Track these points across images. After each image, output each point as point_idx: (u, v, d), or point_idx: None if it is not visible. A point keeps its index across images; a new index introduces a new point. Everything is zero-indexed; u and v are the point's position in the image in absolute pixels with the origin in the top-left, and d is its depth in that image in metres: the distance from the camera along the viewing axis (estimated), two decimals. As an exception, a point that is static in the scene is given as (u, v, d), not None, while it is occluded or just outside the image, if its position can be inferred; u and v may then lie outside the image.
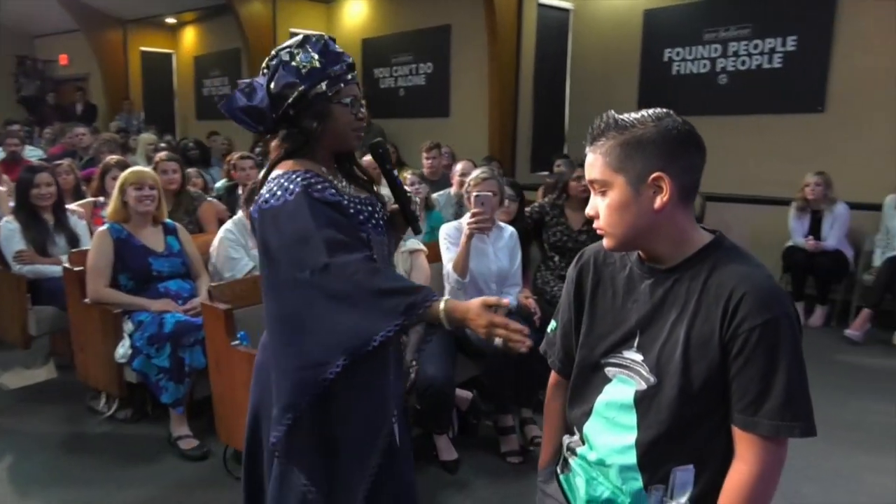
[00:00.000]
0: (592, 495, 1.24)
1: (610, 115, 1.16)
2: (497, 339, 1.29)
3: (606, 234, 1.18)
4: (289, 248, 1.39)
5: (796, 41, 5.73)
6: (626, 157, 1.11)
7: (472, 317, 1.32)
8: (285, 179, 1.45)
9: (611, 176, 1.13)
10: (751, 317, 1.05)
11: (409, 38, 8.30)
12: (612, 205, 1.14)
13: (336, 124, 1.53)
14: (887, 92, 5.24)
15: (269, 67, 1.51)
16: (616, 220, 1.14)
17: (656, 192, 1.11)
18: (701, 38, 6.25)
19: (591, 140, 1.17)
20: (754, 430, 1.08)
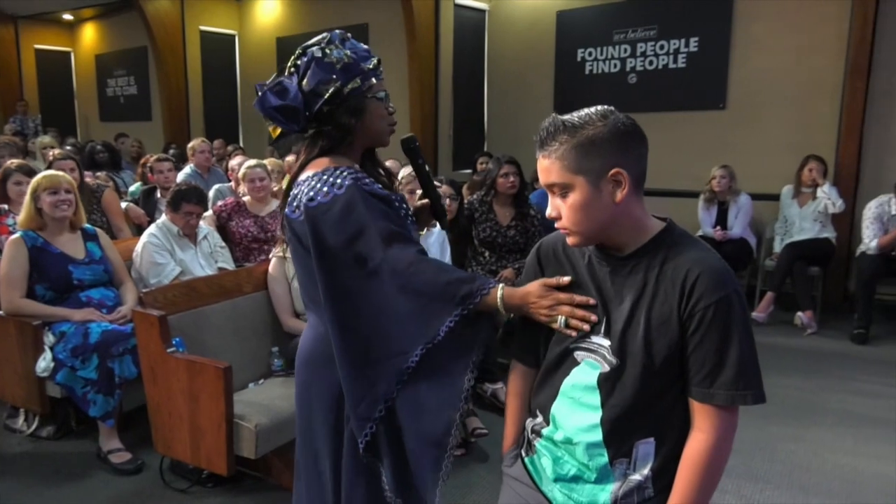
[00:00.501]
0: (559, 473, 1.30)
1: (556, 119, 1.21)
2: (560, 319, 1.27)
3: (571, 233, 1.23)
4: (346, 244, 1.38)
5: (698, 42, 6.08)
6: (583, 158, 1.17)
7: (533, 299, 1.30)
8: (329, 175, 1.43)
9: (570, 178, 1.18)
10: (706, 295, 1.14)
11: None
12: (576, 205, 1.19)
13: (372, 119, 1.53)
14: (781, 90, 5.65)
15: (297, 65, 1.48)
16: (581, 219, 1.20)
17: (615, 186, 1.18)
18: (611, 38, 6.52)
19: (542, 145, 1.21)
20: (711, 401, 1.17)
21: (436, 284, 1.32)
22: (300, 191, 1.46)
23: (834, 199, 4.94)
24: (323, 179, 1.43)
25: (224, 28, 9.22)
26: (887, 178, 5.10)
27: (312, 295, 1.50)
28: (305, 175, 1.49)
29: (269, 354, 2.95)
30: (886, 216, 4.62)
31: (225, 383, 2.36)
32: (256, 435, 2.39)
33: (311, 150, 1.52)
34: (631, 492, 1.24)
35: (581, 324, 1.24)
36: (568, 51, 6.78)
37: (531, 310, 1.31)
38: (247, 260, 3.99)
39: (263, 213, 4.11)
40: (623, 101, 6.47)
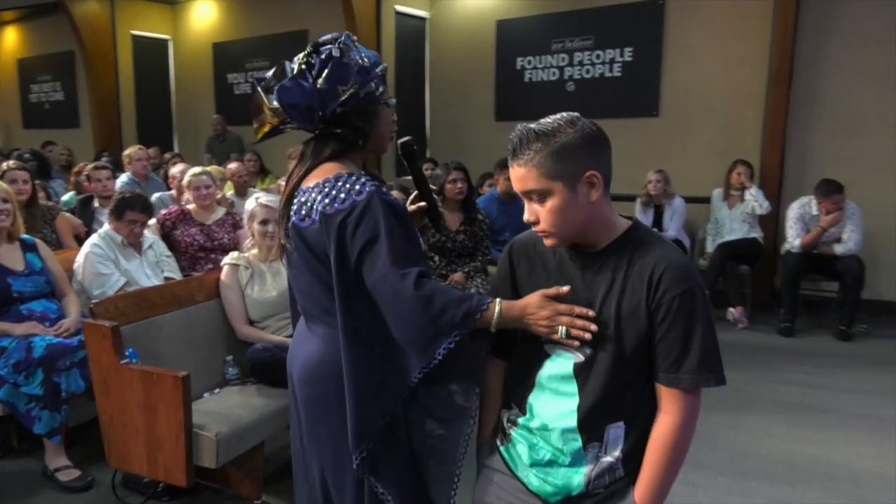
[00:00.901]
0: (535, 458, 1.37)
1: (527, 128, 1.27)
2: (560, 331, 1.28)
3: (549, 235, 1.30)
4: (360, 254, 1.34)
5: (632, 52, 6.33)
6: (559, 164, 1.23)
7: (532, 310, 1.30)
8: (344, 182, 1.39)
9: (548, 184, 1.24)
10: (671, 288, 1.23)
11: (264, 42, 8.13)
12: (555, 209, 1.26)
13: (381, 125, 1.52)
14: (710, 99, 5.94)
15: (310, 64, 1.42)
16: (560, 221, 1.27)
17: (590, 188, 1.25)
18: (549, 47, 6.71)
19: (515, 154, 1.27)
20: (677, 385, 1.26)
21: (434, 307, 1.30)
22: (310, 198, 1.41)
23: (760, 201, 5.23)
24: (338, 186, 1.39)
25: (157, 33, 8.99)
26: (808, 180, 5.42)
27: (324, 304, 1.45)
28: (315, 182, 1.43)
29: (224, 363, 2.92)
30: (808, 216, 4.92)
31: (183, 393, 2.33)
32: (217, 444, 2.37)
33: (320, 153, 1.47)
34: (603, 473, 1.32)
35: (583, 333, 1.26)
36: (508, 59, 6.93)
37: (530, 321, 1.31)
38: (193, 269, 3.93)
39: (209, 221, 4.06)
40: (562, 109, 6.42)
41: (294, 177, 1.49)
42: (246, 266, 3.03)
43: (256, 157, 6.77)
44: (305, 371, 1.50)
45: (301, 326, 1.60)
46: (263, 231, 3.00)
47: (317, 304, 1.48)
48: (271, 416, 2.62)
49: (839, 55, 5.48)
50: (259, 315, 2.99)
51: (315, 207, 1.39)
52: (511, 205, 4.75)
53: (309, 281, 1.47)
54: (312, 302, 1.50)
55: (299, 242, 1.44)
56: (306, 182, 1.45)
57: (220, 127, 7.99)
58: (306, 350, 1.52)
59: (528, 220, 1.31)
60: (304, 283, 1.49)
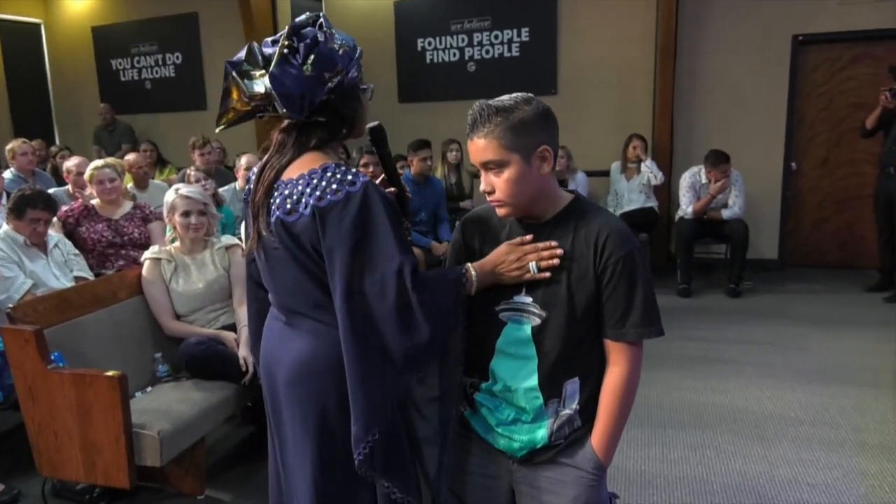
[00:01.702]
0: (500, 419, 1.47)
1: (486, 103, 1.35)
2: (531, 267, 1.36)
3: (505, 205, 1.39)
4: (356, 246, 1.30)
5: (529, 32, 6.52)
6: (517, 137, 1.33)
7: (502, 259, 1.37)
8: (334, 172, 1.33)
9: (506, 155, 1.34)
10: (615, 251, 1.36)
11: (150, 26, 7.72)
12: (511, 179, 1.35)
13: (363, 111, 1.48)
14: (604, 76, 6.24)
15: (293, 49, 1.34)
16: (516, 191, 1.36)
17: (542, 162, 1.36)
18: (449, 28, 6.79)
19: (475, 127, 1.35)
20: (623, 339, 1.39)
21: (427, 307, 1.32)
22: (296, 191, 1.35)
23: (655, 172, 5.59)
24: (328, 177, 1.33)
25: (27, 16, 8.32)
26: (695, 151, 5.85)
27: (314, 300, 1.40)
28: (299, 173, 1.37)
29: (153, 361, 2.85)
30: (698, 185, 5.31)
31: (121, 393, 2.27)
32: (161, 442, 2.33)
33: (304, 143, 1.40)
34: (563, 425, 1.44)
35: (552, 261, 1.36)
36: (408, 40, 6.96)
37: (502, 270, 1.38)
38: (103, 267, 3.76)
39: (116, 216, 3.88)
40: (464, 89, 6.79)
41: (272, 167, 1.41)
42: (168, 259, 2.95)
43: (153, 146, 6.48)
44: (295, 370, 1.43)
45: (275, 326, 1.52)
46: (186, 223, 2.92)
47: (306, 300, 1.41)
48: (211, 409, 2.60)
49: (718, 32, 5.91)
50: (186, 309, 2.93)
51: (304, 200, 1.33)
52: (425, 185, 4.83)
53: (296, 277, 1.39)
54: (299, 298, 1.43)
55: (286, 237, 1.36)
56: (288, 173, 1.39)
57: (109, 116, 7.56)
58: (292, 349, 1.44)
59: (483, 191, 1.39)
60: (290, 279, 1.41)
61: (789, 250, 6.12)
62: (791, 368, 3.75)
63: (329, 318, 1.38)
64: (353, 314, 1.31)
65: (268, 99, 1.38)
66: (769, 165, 5.93)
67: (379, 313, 1.30)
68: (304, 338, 1.43)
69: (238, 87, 1.39)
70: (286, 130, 1.44)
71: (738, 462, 2.82)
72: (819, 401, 3.35)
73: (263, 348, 1.56)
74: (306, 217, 1.33)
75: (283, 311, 1.49)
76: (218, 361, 2.71)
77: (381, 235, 1.30)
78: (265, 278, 1.52)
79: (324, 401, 1.41)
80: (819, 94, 5.87)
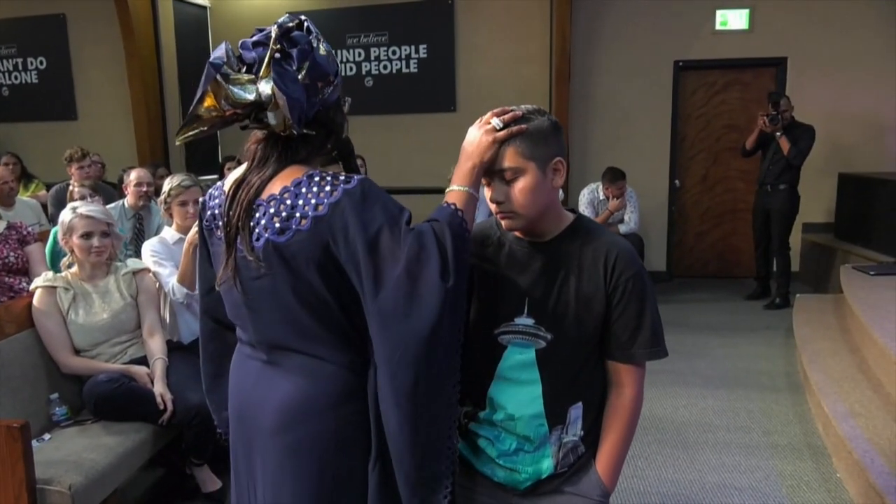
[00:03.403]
0: (501, 450, 1.39)
1: (501, 110, 1.29)
2: (494, 123, 1.24)
3: (516, 216, 1.30)
4: (372, 240, 1.14)
5: (427, 49, 6.54)
6: (535, 146, 1.26)
7: (472, 142, 1.25)
8: (322, 178, 1.19)
9: (523, 163, 1.26)
10: (626, 271, 1.32)
11: (11, 26, 6.97)
12: (527, 188, 1.27)
13: (345, 124, 1.35)
14: (502, 95, 6.32)
15: (285, 53, 1.21)
16: (530, 202, 1.28)
17: (555, 174, 1.31)
18: (345, 42, 6.67)
19: None
20: (632, 360, 1.35)
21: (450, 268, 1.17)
22: (283, 206, 1.19)
23: (554, 188, 5.74)
24: (317, 182, 1.19)
25: None
26: (590, 168, 6.09)
27: (309, 330, 1.23)
28: (280, 187, 1.21)
29: (48, 403, 2.50)
30: (596, 201, 5.51)
31: (23, 444, 1.96)
32: (72, 498, 2.03)
33: (290, 157, 1.25)
34: (567, 453, 1.38)
35: (514, 113, 1.26)
36: (302, 53, 6.75)
37: (478, 151, 1.24)
38: (-28, 297, 3.29)
39: (-13, 238, 3.41)
40: (361, 104, 6.66)
41: (251, 184, 1.24)
42: (66, 287, 2.62)
43: (16, 159, 5.82)
44: (285, 415, 1.26)
45: (251, 366, 1.34)
46: (87, 246, 2.60)
47: (298, 333, 1.24)
48: (127, 455, 2.32)
49: (608, 56, 6.22)
50: (88, 343, 2.61)
51: (297, 214, 1.17)
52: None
53: (288, 307, 1.22)
54: (288, 331, 1.25)
55: (277, 262, 1.19)
56: (268, 190, 1.23)
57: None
58: (278, 391, 1.27)
59: (493, 200, 1.31)
60: (277, 310, 1.23)
61: (675, 262, 6.50)
62: (698, 375, 3.94)
63: (325, 352, 1.24)
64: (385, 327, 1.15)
65: (253, 108, 1.21)
66: (657, 182, 6.29)
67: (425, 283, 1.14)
68: (292, 378, 1.27)
69: (220, 93, 1.21)
70: (267, 143, 1.27)
71: (669, 471, 2.90)
72: (729, 406, 3.54)
73: (237, 391, 1.37)
74: (304, 232, 1.17)
75: (263, 348, 1.31)
76: (132, 400, 2.43)
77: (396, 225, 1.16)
78: (237, 313, 1.32)
79: (322, 445, 1.25)
80: (698, 116, 6.32)
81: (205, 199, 1.38)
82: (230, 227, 1.25)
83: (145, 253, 2.95)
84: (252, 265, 1.21)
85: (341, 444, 1.25)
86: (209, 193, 1.38)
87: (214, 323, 1.48)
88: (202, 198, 1.40)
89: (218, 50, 1.24)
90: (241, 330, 1.36)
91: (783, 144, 5.16)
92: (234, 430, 1.38)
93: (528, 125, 1.27)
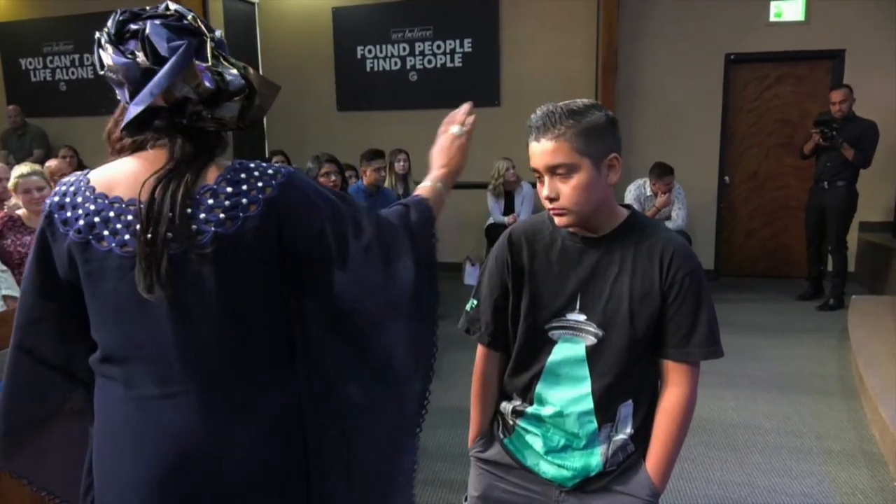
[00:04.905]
0: (549, 446, 1.38)
1: (557, 106, 1.28)
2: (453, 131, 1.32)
3: (568, 213, 1.29)
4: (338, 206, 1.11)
5: (471, 43, 6.51)
6: (590, 142, 1.25)
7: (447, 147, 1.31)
8: (254, 166, 1.09)
9: (577, 159, 1.25)
10: (682, 268, 1.30)
11: (66, 24, 7.21)
12: (581, 185, 1.26)
13: None
14: (546, 89, 6.27)
15: (214, 44, 1.08)
16: (584, 199, 1.27)
17: (610, 171, 1.29)
18: (390, 37, 6.69)
19: (545, 130, 1.26)
20: (686, 359, 1.32)
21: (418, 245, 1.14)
22: (223, 194, 1.05)
23: (599, 184, 5.66)
24: (251, 168, 1.09)
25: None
26: (635, 164, 5.96)
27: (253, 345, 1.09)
28: (214, 176, 1.07)
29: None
30: (643, 197, 5.41)
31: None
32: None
33: (207, 151, 1.10)
34: (617, 451, 1.37)
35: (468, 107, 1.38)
36: (347, 48, 6.80)
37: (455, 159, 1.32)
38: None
39: (45, 228, 3.53)
40: (405, 98, 6.70)
41: (185, 174, 1.05)
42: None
43: (73, 152, 6.02)
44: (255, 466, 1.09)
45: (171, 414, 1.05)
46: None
47: (260, 347, 1.10)
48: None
49: (656, 49, 6.10)
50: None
51: (243, 201, 1.05)
52: (377, 196, 4.69)
53: (235, 310, 1.06)
54: (251, 345, 1.09)
55: (227, 258, 1.03)
56: (200, 183, 1.06)
57: (18, 119, 6.97)
58: (241, 438, 1.08)
59: (546, 197, 1.30)
60: (225, 317, 1.06)
61: (724, 260, 6.35)
62: (747, 376, 3.84)
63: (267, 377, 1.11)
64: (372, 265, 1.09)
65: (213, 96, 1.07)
66: (705, 178, 6.14)
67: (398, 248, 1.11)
68: (258, 416, 1.09)
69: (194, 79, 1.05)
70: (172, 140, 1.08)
71: (716, 473, 2.83)
72: (779, 409, 3.44)
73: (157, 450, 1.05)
74: (255, 218, 1.04)
75: (195, 380, 1.05)
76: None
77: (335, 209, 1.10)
78: (150, 339, 1.05)
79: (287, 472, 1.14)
80: (750, 111, 6.14)
81: (56, 203, 1.09)
82: (158, 227, 1.01)
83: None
84: (191, 268, 1.03)
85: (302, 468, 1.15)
86: (58, 198, 1.09)
87: (38, 364, 1.16)
88: (47, 200, 1.10)
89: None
90: (143, 366, 1.07)
91: (846, 153, 4.97)
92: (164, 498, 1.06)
93: (583, 120, 1.25)
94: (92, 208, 1.06)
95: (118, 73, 1.06)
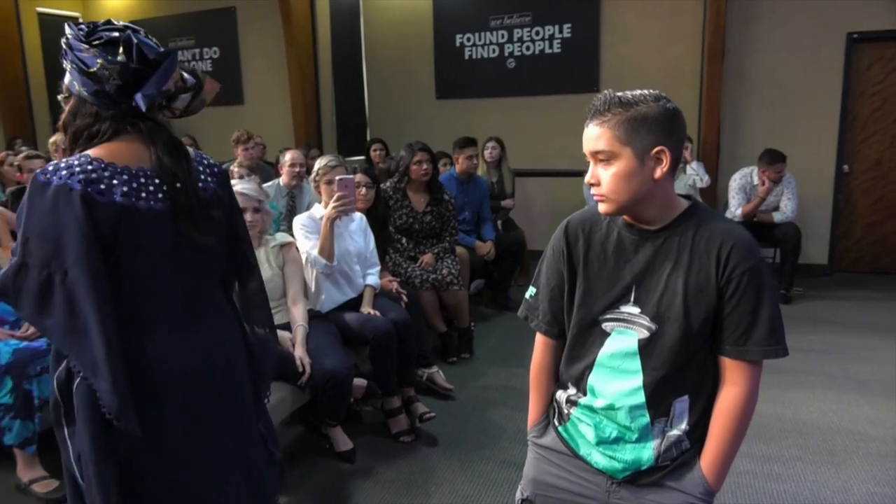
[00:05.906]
0: (601, 437, 1.39)
1: (612, 93, 1.28)
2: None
3: (607, 200, 1.30)
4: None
5: (571, 29, 6.41)
6: (634, 132, 1.24)
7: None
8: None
9: (618, 148, 1.25)
10: (741, 263, 1.26)
11: (188, 20, 7.74)
12: (619, 174, 1.26)
13: None
14: (648, 75, 6.10)
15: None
16: (621, 188, 1.27)
17: (656, 164, 1.27)
18: (488, 24, 6.70)
19: (594, 115, 1.28)
20: (745, 357, 1.29)
21: None
22: (205, 163, 1.50)
23: (701, 174, 5.45)
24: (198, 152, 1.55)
25: (65, 10, 8.37)
26: (742, 152, 5.71)
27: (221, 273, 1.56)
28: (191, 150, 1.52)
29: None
30: (749, 186, 5.16)
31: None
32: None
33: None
34: (670, 447, 1.35)
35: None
36: (446, 36, 6.88)
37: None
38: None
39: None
40: (503, 86, 6.70)
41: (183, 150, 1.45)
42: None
43: (192, 140, 6.46)
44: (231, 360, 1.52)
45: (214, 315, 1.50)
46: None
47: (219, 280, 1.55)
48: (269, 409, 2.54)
49: (767, 31, 5.76)
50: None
51: (209, 170, 1.49)
52: (469, 184, 4.75)
53: (221, 250, 1.50)
54: (216, 281, 1.53)
55: (219, 209, 1.47)
56: None
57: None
58: (236, 331, 1.55)
59: (588, 182, 1.31)
60: (216, 259, 1.49)
61: (839, 255, 5.95)
62: (854, 380, 3.61)
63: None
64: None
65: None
66: (820, 167, 5.77)
67: None
68: (229, 316, 1.55)
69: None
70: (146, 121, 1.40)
71: (809, 476, 2.70)
72: (887, 416, 3.21)
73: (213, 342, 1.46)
74: (216, 183, 1.49)
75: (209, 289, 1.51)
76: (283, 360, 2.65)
77: None
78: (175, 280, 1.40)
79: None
80: (873, 94, 5.70)
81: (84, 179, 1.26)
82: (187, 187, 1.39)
83: (296, 226, 3.18)
84: (206, 215, 1.43)
85: None
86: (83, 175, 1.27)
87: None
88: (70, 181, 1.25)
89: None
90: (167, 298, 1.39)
91: None
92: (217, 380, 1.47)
93: (631, 109, 1.24)
94: (125, 178, 1.32)
95: (112, 71, 1.30)
